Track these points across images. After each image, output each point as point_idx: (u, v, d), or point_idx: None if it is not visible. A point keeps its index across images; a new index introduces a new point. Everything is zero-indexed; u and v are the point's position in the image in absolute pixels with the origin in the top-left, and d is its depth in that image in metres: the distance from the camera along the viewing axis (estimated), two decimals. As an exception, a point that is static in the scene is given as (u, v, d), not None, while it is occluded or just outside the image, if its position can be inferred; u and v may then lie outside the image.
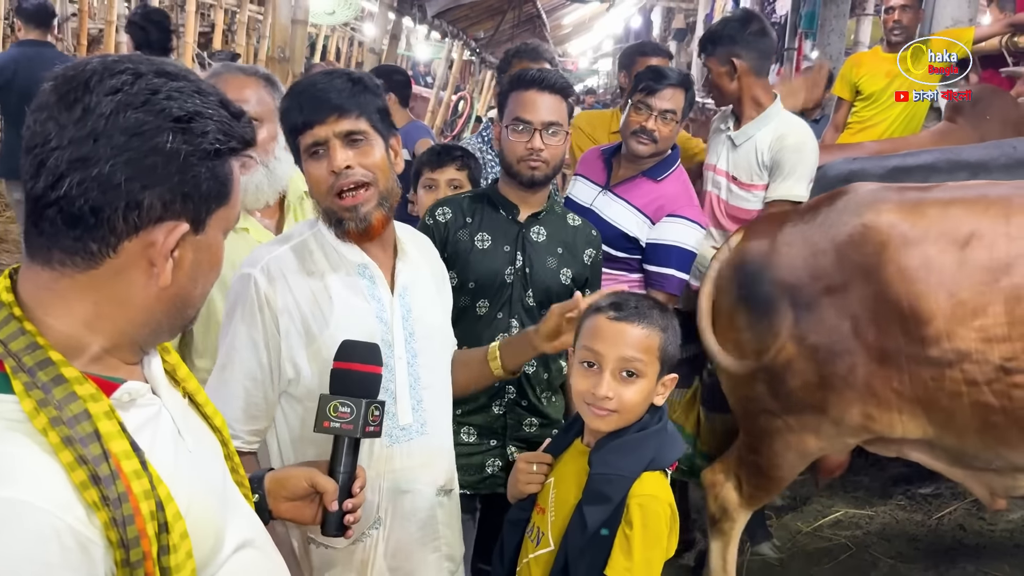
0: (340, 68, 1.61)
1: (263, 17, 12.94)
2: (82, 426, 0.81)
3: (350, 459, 1.31)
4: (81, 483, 0.79)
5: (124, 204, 0.82)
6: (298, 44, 5.63)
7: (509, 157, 2.08)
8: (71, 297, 0.86)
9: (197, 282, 0.93)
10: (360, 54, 18.84)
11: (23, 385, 0.81)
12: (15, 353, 0.82)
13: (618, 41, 25.02)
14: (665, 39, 18.16)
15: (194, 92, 0.87)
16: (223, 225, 0.93)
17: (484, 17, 10.37)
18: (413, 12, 8.02)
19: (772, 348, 2.37)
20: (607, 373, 1.50)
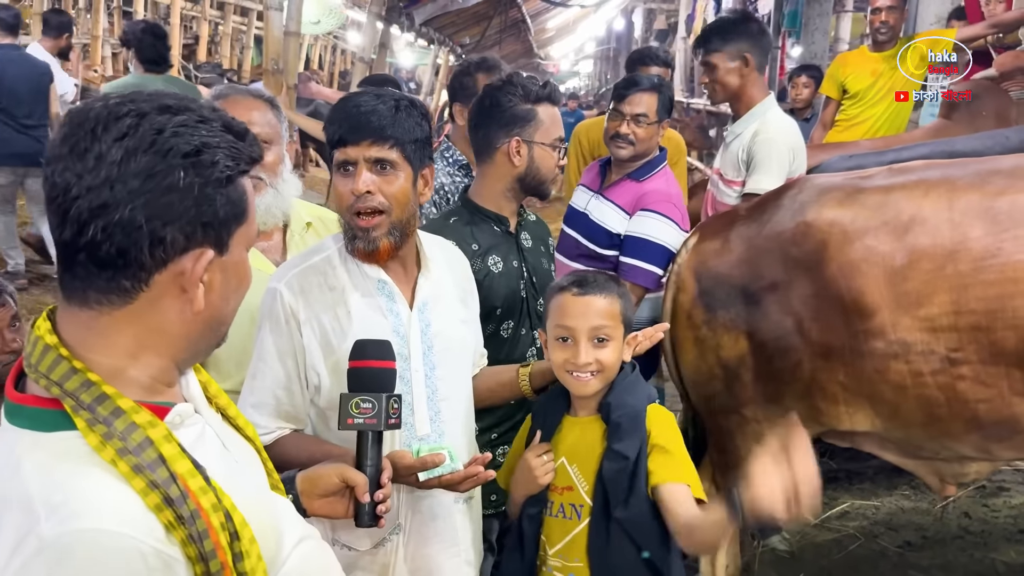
0: (391, 92, 1.62)
1: (246, 28, 12.95)
2: (147, 453, 0.85)
3: (375, 452, 1.36)
4: (156, 506, 0.84)
5: (149, 242, 0.85)
6: (291, 56, 5.66)
7: (547, 174, 2.09)
8: (111, 333, 0.89)
9: (228, 300, 0.97)
10: (343, 62, 18.85)
11: (86, 422, 0.85)
12: (72, 392, 0.86)
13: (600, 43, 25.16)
14: (647, 40, 18.28)
15: (197, 123, 0.89)
16: (245, 242, 0.96)
17: (470, 23, 10.42)
18: (401, 20, 8.05)
19: (727, 343, 2.39)
20: (582, 343, 1.69)
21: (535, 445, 1.76)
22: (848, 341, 2.20)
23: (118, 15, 11.39)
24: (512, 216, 2.13)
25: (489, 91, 2.11)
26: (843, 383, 2.24)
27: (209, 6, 11.92)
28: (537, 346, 2.12)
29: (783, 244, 2.32)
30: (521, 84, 2.08)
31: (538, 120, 2.06)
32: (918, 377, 2.14)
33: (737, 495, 1.46)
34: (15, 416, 0.88)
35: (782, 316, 2.29)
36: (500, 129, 2.05)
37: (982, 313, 2.06)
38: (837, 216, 2.25)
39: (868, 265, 2.16)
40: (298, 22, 5.73)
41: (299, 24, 5.80)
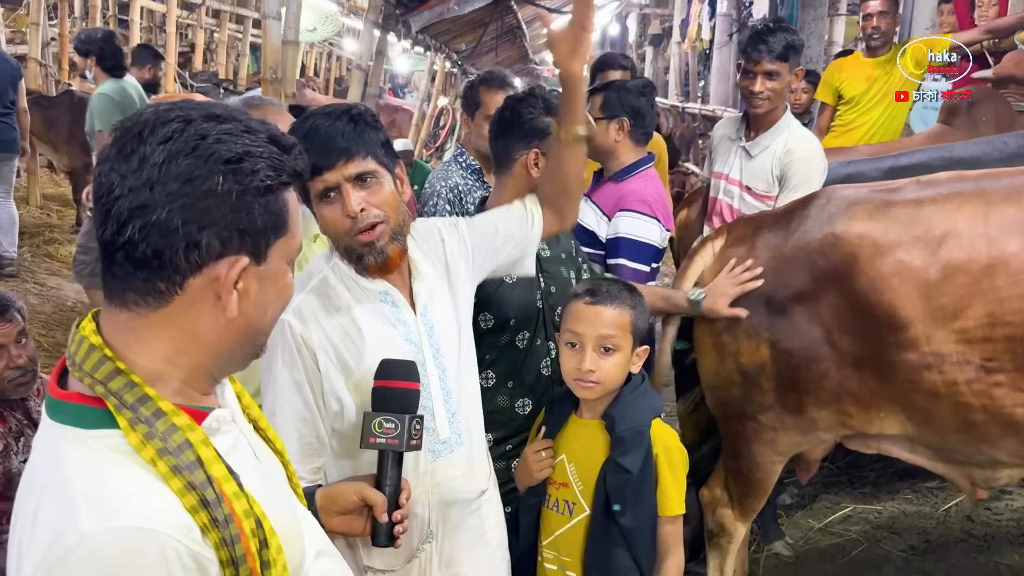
0: (336, 105, 1.62)
1: (242, 36, 12.96)
2: (186, 455, 0.87)
3: (395, 472, 1.39)
4: (192, 507, 0.86)
5: (184, 245, 0.87)
6: (289, 64, 5.66)
7: None
8: (149, 335, 0.91)
9: (266, 310, 0.97)
10: (339, 69, 18.87)
11: (128, 421, 0.87)
12: (116, 392, 0.88)
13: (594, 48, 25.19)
14: (641, 44, 18.33)
15: (243, 132, 0.90)
16: (285, 255, 0.97)
17: (466, 30, 10.44)
18: (398, 28, 8.06)
19: (747, 350, 2.40)
20: (588, 350, 1.76)
21: (538, 441, 1.86)
22: (880, 352, 2.20)
23: (114, 23, 11.39)
24: None
25: (510, 103, 2.13)
26: (875, 390, 2.24)
27: (205, 14, 11.91)
28: (553, 357, 2.12)
29: (811, 255, 2.32)
30: (542, 97, 2.10)
31: None
32: (953, 386, 2.14)
33: None
34: (58, 412, 0.90)
35: (810, 326, 2.29)
36: (519, 141, 2.07)
37: (1018, 324, 2.08)
38: (867, 229, 2.25)
39: (900, 279, 2.17)
40: (296, 31, 5.73)
41: (297, 33, 5.80)
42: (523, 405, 2.07)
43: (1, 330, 2.31)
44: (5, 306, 2.34)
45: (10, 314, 2.34)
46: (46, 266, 6.01)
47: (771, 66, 2.83)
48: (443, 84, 14.33)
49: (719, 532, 2.61)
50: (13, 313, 2.35)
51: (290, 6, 5.67)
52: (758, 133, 2.95)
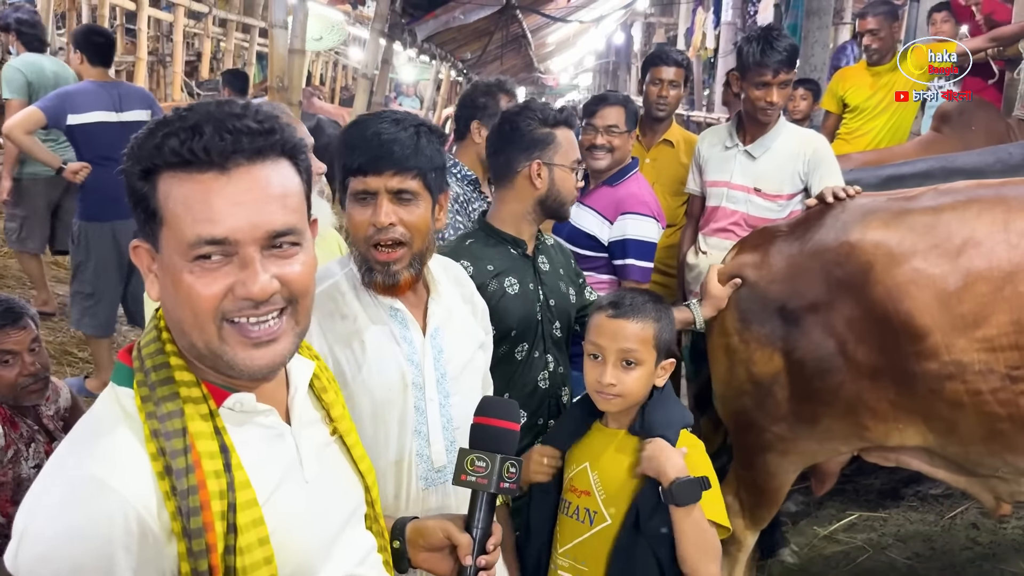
0: (410, 116, 1.56)
1: (248, 45, 13.02)
2: (172, 422, 0.92)
3: (487, 515, 1.31)
4: (159, 473, 0.90)
5: None
6: (296, 73, 5.70)
7: (568, 196, 2.13)
8: None
9: (171, 306, 0.96)
10: (345, 77, 18.93)
11: (137, 382, 0.95)
12: (143, 357, 0.97)
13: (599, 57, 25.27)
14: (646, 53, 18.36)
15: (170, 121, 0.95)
16: (173, 246, 0.92)
17: (471, 39, 10.49)
18: (403, 37, 8.11)
19: (760, 360, 2.37)
20: (609, 364, 1.74)
21: (547, 448, 1.84)
22: (898, 362, 2.16)
23: (121, 32, 11.45)
24: (530, 240, 2.14)
25: (508, 116, 2.14)
26: (893, 401, 2.20)
27: (212, 23, 11.97)
28: (550, 370, 2.13)
29: (825, 264, 2.29)
30: (539, 108, 2.12)
31: (557, 143, 2.10)
32: (977, 395, 2.10)
33: None
34: (115, 372, 1.00)
35: (824, 337, 2.26)
36: (520, 153, 2.08)
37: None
38: (883, 238, 2.22)
39: (917, 288, 2.13)
40: (303, 40, 5.77)
41: (303, 42, 5.84)
42: (520, 417, 2.06)
43: (15, 337, 2.33)
44: (19, 313, 2.37)
45: (24, 321, 2.37)
46: (53, 273, 6.04)
47: (786, 76, 2.88)
48: (448, 93, 14.37)
49: (729, 540, 2.54)
50: (27, 320, 2.38)
51: (297, 15, 5.72)
52: (756, 136, 2.99)
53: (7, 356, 2.32)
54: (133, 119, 4.30)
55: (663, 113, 3.49)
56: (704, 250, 3.11)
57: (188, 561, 0.88)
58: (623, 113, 2.90)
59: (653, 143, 3.54)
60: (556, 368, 2.15)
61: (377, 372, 1.49)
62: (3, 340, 2.32)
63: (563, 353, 2.19)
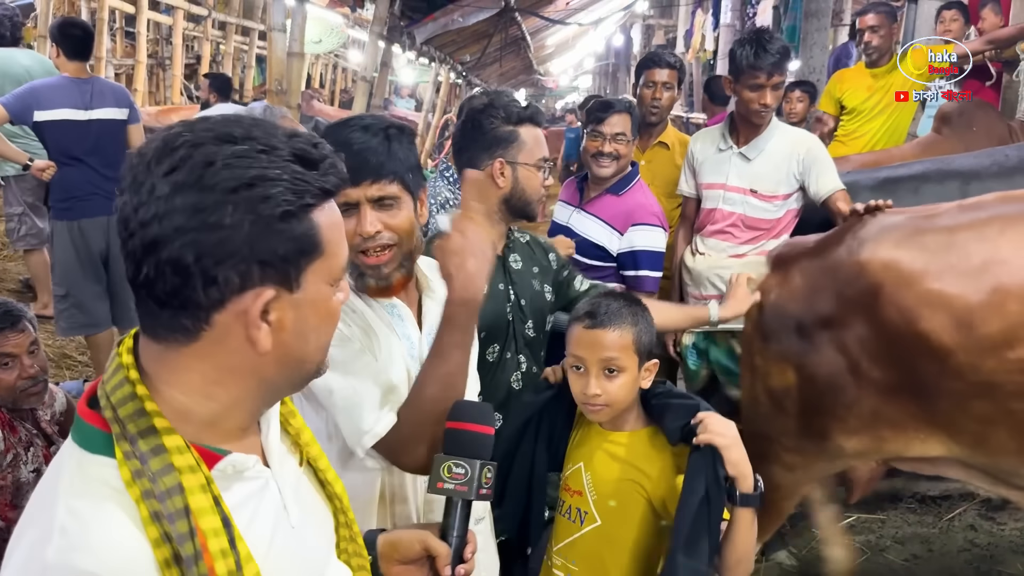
0: (375, 120, 1.56)
1: (248, 48, 13.05)
2: (173, 501, 0.81)
3: (463, 523, 1.26)
4: (164, 561, 0.80)
5: (201, 282, 0.81)
6: (295, 76, 5.72)
7: (533, 195, 2.07)
8: (181, 368, 0.86)
9: (308, 338, 0.90)
10: (344, 80, 18.96)
11: (123, 453, 0.82)
12: (122, 419, 0.83)
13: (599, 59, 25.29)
14: (645, 55, 18.37)
15: (259, 152, 0.82)
16: (326, 276, 0.89)
17: (470, 41, 10.50)
18: (402, 40, 8.12)
19: (775, 373, 2.38)
20: (592, 374, 1.73)
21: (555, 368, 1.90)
22: (917, 379, 2.11)
23: (120, 35, 11.47)
24: (499, 239, 2.11)
25: (471, 114, 2.10)
26: (914, 414, 2.15)
27: (211, 26, 11.99)
28: (523, 370, 2.11)
29: (837, 282, 2.28)
30: (503, 106, 2.06)
31: (521, 141, 2.05)
32: (1009, 414, 2.03)
33: None
34: (76, 430, 0.87)
35: (835, 354, 2.24)
36: (483, 151, 2.04)
37: None
38: (893, 257, 2.18)
39: (932, 310, 2.07)
40: (302, 43, 5.79)
41: (303, 45, 5.86)
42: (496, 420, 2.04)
43: (14, 340, 2.34)
44: (17, 317, 2.38)
45: (22, 324, 2.38)
46: (53, 277, 6.04)
47: (779, 78, 2.90)
48: (448, 95, 14.39)
49: None
50: (25, 323, 2.39)
51: (296, 18, 5.74)
52: (750, 138, 3.00)
53: (6, 359, 2.33)
54: (103, 117, 4.18)
55: (657, 116, 3.50)
56: (702, 251, 3.12)
57: None
58: (629, 121, 2.92)
59: (648, 145, 3.55)
60: (530, 368, 2.13)
61: (389, 366, 1.51)
62: (2, 343, 2.33)
63: (536, 353, 2.17)
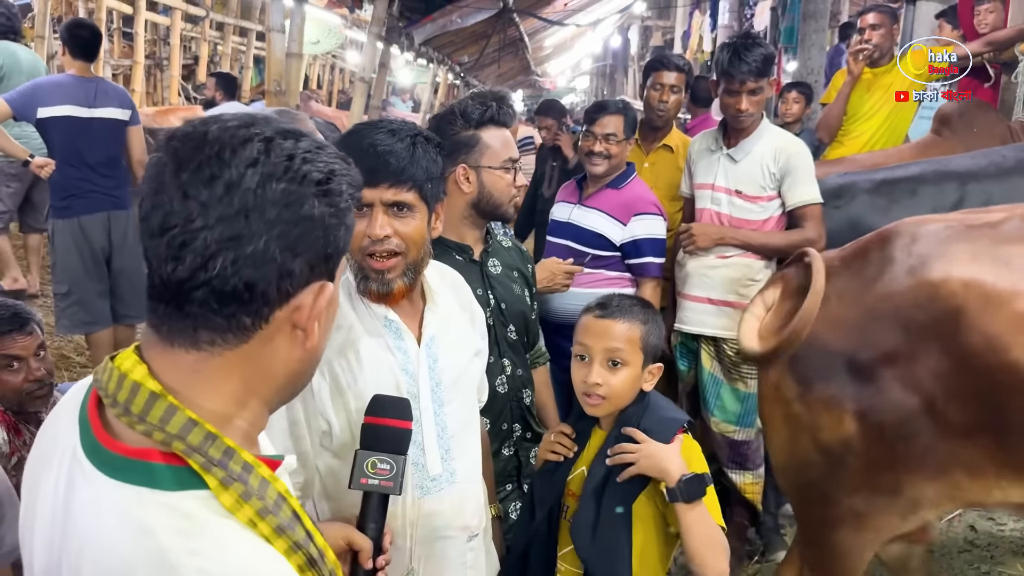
0: (404, 125, 1.56)
1: (246, 49, 13.03)
2: (283, 511, 0.81)
3: (381, 515, 1.28)
4: (299, 567, 0.80)
5: (278, 275, 0.80)
6: (293, 77, 5.72)
7: (501, 198, 2.06)
8: (219, 376, 0.83)
9: (327, 332, 0.92)
10: (342, 81, 18.96)
11: (219, 480, 0.78)
12: (198, 447, 0.78)
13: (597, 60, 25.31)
14: (643, 56, 18.42)
15: (319, 150, 0.85)
16: (341, 270, 0.92)
17: (469, 42, 10.51)
18: (401, 40, 8.12)
19: (828, 425, 2.02)
20: (596, 363, 1.74)
21: (563, 424, 1.87)
22: (1003, 418, 1.86)
23: (118, 36, 11.46)
24: (476, 243, 2.10)
25: (433, 121, 2.12)
26: (995, 457, 1.89)
27: (209, 27, 11.98)
28: (508, 373, 2.10)
29: (902, 308, 1.95)
30: (461, 111, 2.05)
31: (483, 144, 2.03)
32: None
33: None
34: (118, 470, 0.78)
35: (906, 395, 1.92)
36: (446, 158, 1.98)
37: None
38: (973, 275, 1.89)
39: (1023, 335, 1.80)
40: (300, 44, 5.79)
41: (301, 45, 5.86)
42: (483, 423, 2.00)
43: (21, 343, 2.34)
44: (26, 319, 2.37)
45: (30, 327, 2.37)
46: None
47: (754, 84, 2.92)
48: (446, 96, 14.40)
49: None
50: (33, 326, 2.39)
51: (294, 19, 5.74)
52: (739, 140, 3.03)
53: (13, 361, 2.33)
54: (105, 116, 4.24)
55: (663, 118, 3.50)
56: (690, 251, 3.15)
57: None
58: (621, 121, 2.99)
59: (652, 148, 3.55)
60: (514, 371, 2.13)
61: (372, 382, 1.48)
62: (10, 345, 2.33)
63: (520, 356, 2.18)
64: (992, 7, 4.61)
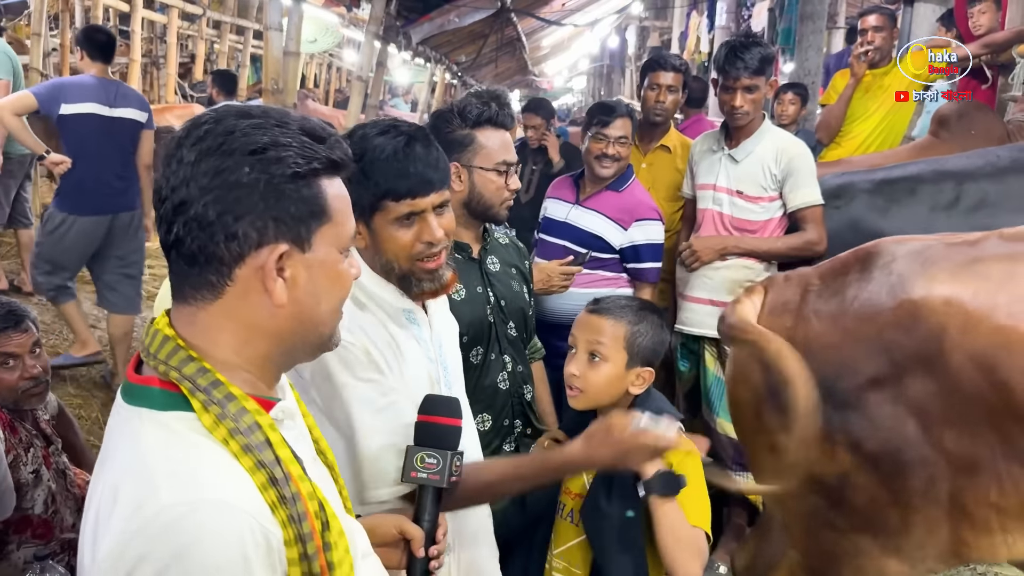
0: (420, 130, 1.59)
1: (243, 47, 13.01)
2: (256, 435, 0.92)
3: (434, 508, 1.38)
4: (262, 485, 0.90)
5: (223, 237, 0.91)
6: (290, 75, 5.71)
7: (492, 199, 2.06)
8: (211, 327, 0.95)
9: (319, 299, 0.98)
10: (339, 80, 18.94)
11: (201, 403, 0.91)
12: (189, 376, 0.92)
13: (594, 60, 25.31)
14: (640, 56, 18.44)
15: (273, 125, 0.94)
16: (334, 242, 0.98)
17: (466, 42, 10.51)
18: (398, 40, 8.12)
19: (820, 458, 1.87)
20: (578, 353, 1.78)
21: (557, 431, 1.91)
22: (1001, 449, 1.72)
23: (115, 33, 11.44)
24: (473, 242, 2.12)
25: (431, 119, 2.12)
26: (997, 505, 1.73)
27: (206, 25, 11.96)
28: (509, 370, 2.12)
29: (884, 328, 1.83)
30: (459, 110, 2.04)
31: (477, 144, 2.03)
32: None
33: None
34: (133, 396, 0.95)
35: (897, 421, 1.79)
36: None
37: None
38: (954, 292, 1.78)
39: (1010, 352, 1.69)
40: (298, 42, 5.79)
41: (299, 44, 5.86)
42: (483, 421, 2.06)
43: (17, 340, 2.34)
44: (21, 316, 2.38)
45: (25, 324, 2.38)
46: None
47: (749, 81, 2.94)
48: (443, 95, 14.39)
49: None
50: (28, 324, 2.39)
51: (292, 18, 5.74)
52: (740, 140, 3.04)
53: (9, 359, 2.33)
54: (125, 116, 4.36)
55: (661, 118, 3.51)
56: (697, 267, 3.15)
57: (301, 565, 0.91)
58: (631, 125, 3.02)
59: (650, 148, 3.56)
60: (515, 368, 2.15)
61: (412, 375, 1.54)
62: (5, 343, 2.33)
63: (521, 352, 2.21)
64: (984, 7, 4.62)
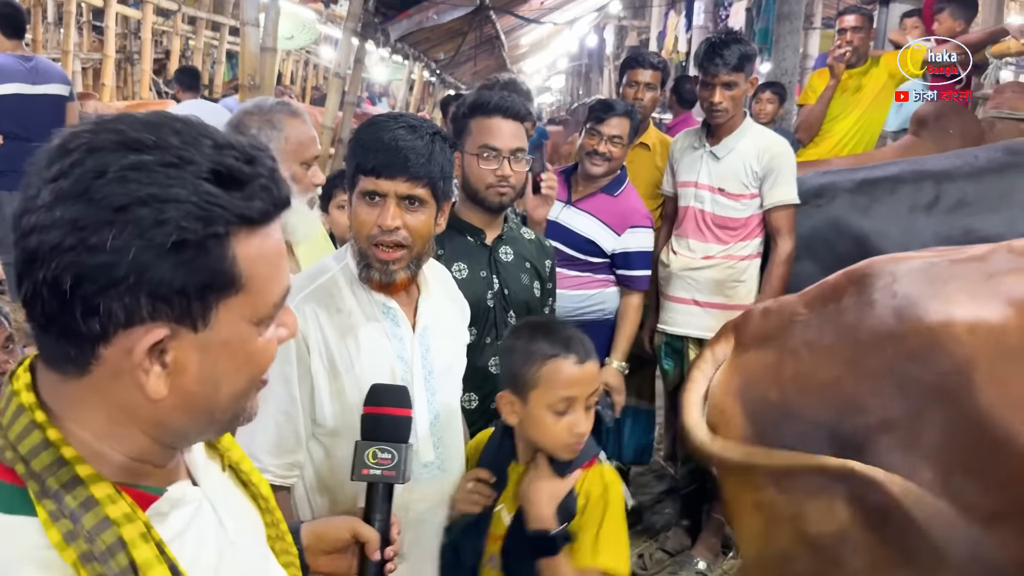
0: (424, 122, 1.57)
1: (218, 43, 12.88)
2: (116, 559, 0.71)
3: (387, 505, 1.27)
4: None
5: (80, 310, 0.68)
6: (267, 72, 5.64)
7: (476, 184, 2.12)
8: (81, 403, 0.74)
9: (219, 385, 0.77)
10: (316, 77, 18.81)
11: (48, 513, 0.70)
12: (38, 473, 0.71)
13: (572, 59, 25.34)
14: (618, 56, 18.49)
15: (164, 166, 0.69)
16: (248, 314, 0.76)
17: (445, 39, 10.47)
18: (376, 36, 8.06)
19: (815, 514, 1.65)
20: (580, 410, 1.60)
21: (479, 470, 1.69)
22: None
23: (87, 29, 11.27)
24: (489, 228, 2.17)
25: (454, 106, 2.23)
26: (1020, 559, 1.50)
27: (181, 21, 11.82)
28: None
29: (894, 360, 1.58)
30: (462, 99, 2.17)
31: (468, 130, 2.14)
32: None
33: None
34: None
35: (909, 469, 1.53)
36: None
37: None
38: (978, 316, 1.52)
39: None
40: (274, 38, 5.72)
41: (275, 40, 5.79)
42: (470, 400, 2.08)
43: None
44: None
45: None
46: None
47: (728, 77, 2.95)
48: (421, 93, 14.34)
49: None
50: (0, 319, 2.33)
51: (269, 13, 5.66)
52: (722, 137, 3.06)
53: (-21, 355, 2.26)
54: (49, 92, 4.32)
55: (639, 115, 3.51)
56: (676, 250, 3.16)
57: None
58: (627, 125, 3.01)
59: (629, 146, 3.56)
60: None
61: (369, 368, 1.53)
62: (-25, 338, 2.26)
63: None
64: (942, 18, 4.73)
